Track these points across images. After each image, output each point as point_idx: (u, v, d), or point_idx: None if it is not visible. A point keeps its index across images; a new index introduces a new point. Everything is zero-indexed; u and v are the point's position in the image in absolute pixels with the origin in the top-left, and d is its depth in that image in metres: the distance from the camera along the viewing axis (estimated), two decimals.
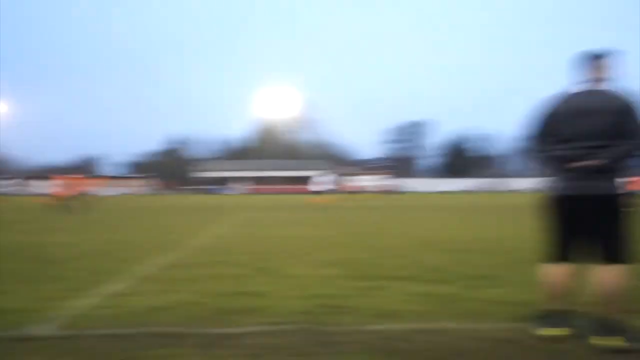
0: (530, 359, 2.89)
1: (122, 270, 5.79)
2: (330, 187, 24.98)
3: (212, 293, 4.55)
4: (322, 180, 23.77)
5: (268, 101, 68.83)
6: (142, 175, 67.56)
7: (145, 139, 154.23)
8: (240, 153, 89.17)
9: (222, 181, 73.34)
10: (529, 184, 70.13)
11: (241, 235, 9.88)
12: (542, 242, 3.41)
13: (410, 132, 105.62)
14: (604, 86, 3.19)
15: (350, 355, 2.96)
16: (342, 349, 3.07)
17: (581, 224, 3.17)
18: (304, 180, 71.56)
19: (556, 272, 3.27)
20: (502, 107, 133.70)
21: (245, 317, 3.75)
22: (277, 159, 73.46)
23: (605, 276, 3.06)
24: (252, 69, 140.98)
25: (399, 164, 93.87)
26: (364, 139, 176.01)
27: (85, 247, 8.03)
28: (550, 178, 3.36)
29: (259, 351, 3.02)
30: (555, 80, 3.51)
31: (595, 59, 3.22)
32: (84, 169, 75.62)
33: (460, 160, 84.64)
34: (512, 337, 3.26)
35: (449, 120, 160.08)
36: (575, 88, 3.27)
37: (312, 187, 23.19)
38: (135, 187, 61.86)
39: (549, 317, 3.25)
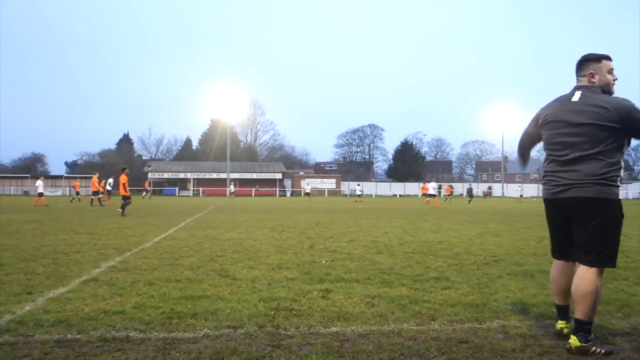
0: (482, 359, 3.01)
1: (74, 273, 5.60)
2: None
3: (167, 296, 4.48)
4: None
5: (223, 103, 67.81)
6: (89, 175, 64.85)
7: (96, 139, 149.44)
8: (195, 154, 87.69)
9: (177, 182, 71.81)
10: (486, 189, 72.98)
11: (197, 237, 9.73)
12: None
13: (364, 136, 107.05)
14: (594, 91, 3.23)
15: (307, 357, 3.00)
16: (299, 351, 3.11)
17: (566, 225, 3.33)
18: (260, 182, 71.40)
19: (554, 268, 3.50)
20: (456, 114, 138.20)
21: (201, 321, 3.72)
22: (234, 161, 72.61)
23: (579, 276, 3.18)
24: (207, 70, 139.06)
25: (353, 168, 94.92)
26: (319, 142, 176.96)
27: (36, 249, 7.70)
28: (542, 182, 3.50)
29: (216, 355, 3.01)
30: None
31: (588, 63, 3.28)
32: (29, 167, 72.35)
33: (412, 164, 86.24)
34: (465, 337, 3.39)
35: (401, 125, 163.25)
36: (569, 94, 3.33)
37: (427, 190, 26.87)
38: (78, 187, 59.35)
39: (557, 311, 3.46)
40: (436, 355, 3.04)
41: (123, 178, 18.34)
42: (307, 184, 57.55)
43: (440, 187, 40.33)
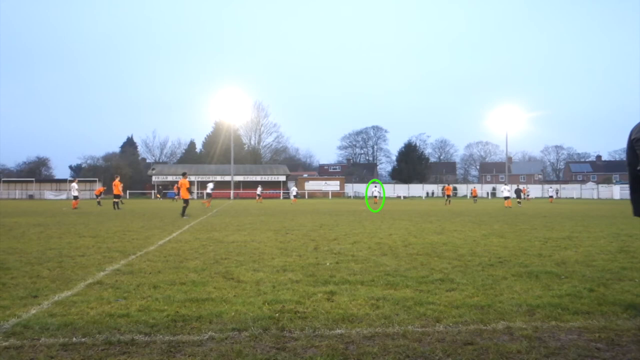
0: None
1: (79, 277, 5.62)
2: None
3: (172, 299, 4.49)
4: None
5: (226, 106, 67.89)
6: (93, 178, 65.07)
7: (99, 142, 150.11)
8: (199, 157, 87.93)
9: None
10: (487, 190, 72.87)
11: (201, 240, 9.74)
12: None
13: (368, 137, 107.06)
14: None
15: (312, 359, 3.00)
16: (304, 354, 3.11)
17: None
18: (265, 184, 71.39)
19: None
20: (460, 115, 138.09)
21: (206, 324, 3.73)
22: (238, 163, 72.71)
23: None
24: (211, 73, 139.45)
25: (357, 169, 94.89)
26: (323, 144, 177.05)
27: (41, 253, 7.73)
28: None
29: (221, 358, 3.01)
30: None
31: None
32: (33, 171, 72.78)
33: (416, 166, 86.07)
34: (470, 339, 3.38)
35: (405, 127, 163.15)
36: None
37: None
38: (83, 190, 59.65)
39: None
40: (441, 357, 3.04)
41: (186, 182, 18.58)
42: (293, 188, 55.40)
43: (519, 190, 38.08)
